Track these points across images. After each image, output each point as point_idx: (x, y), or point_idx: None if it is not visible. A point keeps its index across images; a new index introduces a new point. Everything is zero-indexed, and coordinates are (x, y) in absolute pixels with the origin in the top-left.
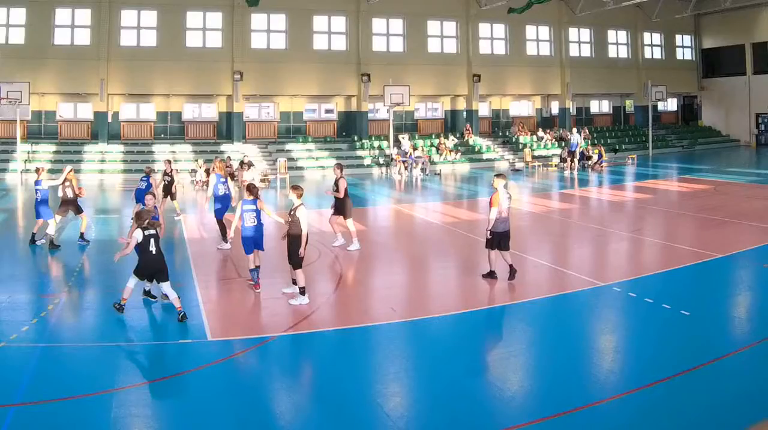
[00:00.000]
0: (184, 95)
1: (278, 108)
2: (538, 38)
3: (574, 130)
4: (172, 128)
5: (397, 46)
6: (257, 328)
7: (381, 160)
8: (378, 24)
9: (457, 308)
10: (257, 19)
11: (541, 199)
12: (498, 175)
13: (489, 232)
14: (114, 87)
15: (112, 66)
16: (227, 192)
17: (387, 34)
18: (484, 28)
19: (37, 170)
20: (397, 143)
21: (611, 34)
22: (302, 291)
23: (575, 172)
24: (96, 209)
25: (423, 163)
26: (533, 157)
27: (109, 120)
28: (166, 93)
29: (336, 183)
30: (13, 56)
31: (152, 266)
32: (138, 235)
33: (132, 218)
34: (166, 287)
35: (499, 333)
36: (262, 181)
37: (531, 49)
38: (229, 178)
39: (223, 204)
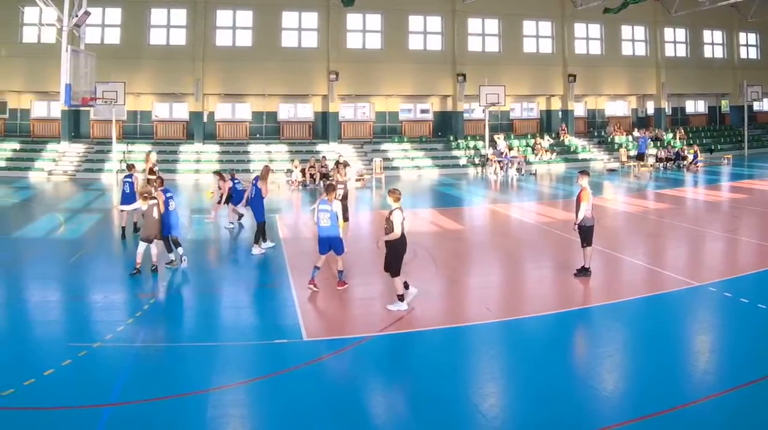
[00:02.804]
0: (280, 95)
1: (374, 108)
2: (633, 38)
3: (636, 131)
4: (268, 128)
5: (493, 46)
6: (352, 328)
7: (476, 161)
8: (473, 24)
9: (552, 308)
10: (353, 19)
11: (636, 199)
12: (582, 172)
13: (578, 227)
14: (209, 87)
15: (208, 66)
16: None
17: (482, 34)
18: (579, 28)
19: (132, 167)
20: (493, 143)
21: (707, 34)
22: (401, 298)
23: (644, 173)
24: (192, 209)
25: (518, 163)
26: (629, 157)
27: (205, 120)
28: (262, 93)
29: None
30: (109, 56)
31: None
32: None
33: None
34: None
35: (594, 333)
36: (358, 180)
37: (626, 49)
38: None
39: (256, 207)
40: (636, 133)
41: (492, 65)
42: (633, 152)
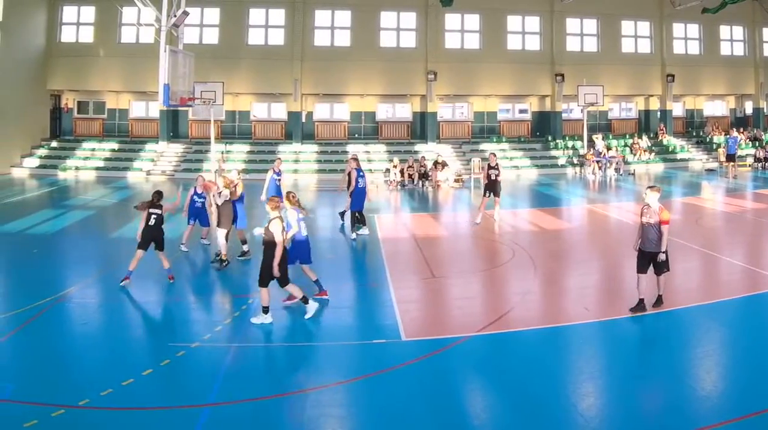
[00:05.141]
0: (378, 95)
1: (472, 108)
2: (732, 38)
3: (734, 131)
4: (366, 128)
5: (591, 46)
6: (451, 328)
7: (575, 161)
8: (572, 24)
9: (650, 309)
10: (451, 19)
11: (734, 199)
12: (653, 188)
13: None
14: (308, 87)
15: (306, 66)
16: (364, 185)
17: (581, 34)
18: (678, 28)
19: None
20: (591, 143)
21: None
22: (265, 310)
23: (743, 173)
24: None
25: (617, 163)
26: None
27: (303, 120)
28: (360, 93)
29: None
30: (208, 56)
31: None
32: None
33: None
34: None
35: (692, 333)
36: (456, 181)
37: (725, 49)
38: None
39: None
40: (734, 133)
41: (590, 65)
42: None
